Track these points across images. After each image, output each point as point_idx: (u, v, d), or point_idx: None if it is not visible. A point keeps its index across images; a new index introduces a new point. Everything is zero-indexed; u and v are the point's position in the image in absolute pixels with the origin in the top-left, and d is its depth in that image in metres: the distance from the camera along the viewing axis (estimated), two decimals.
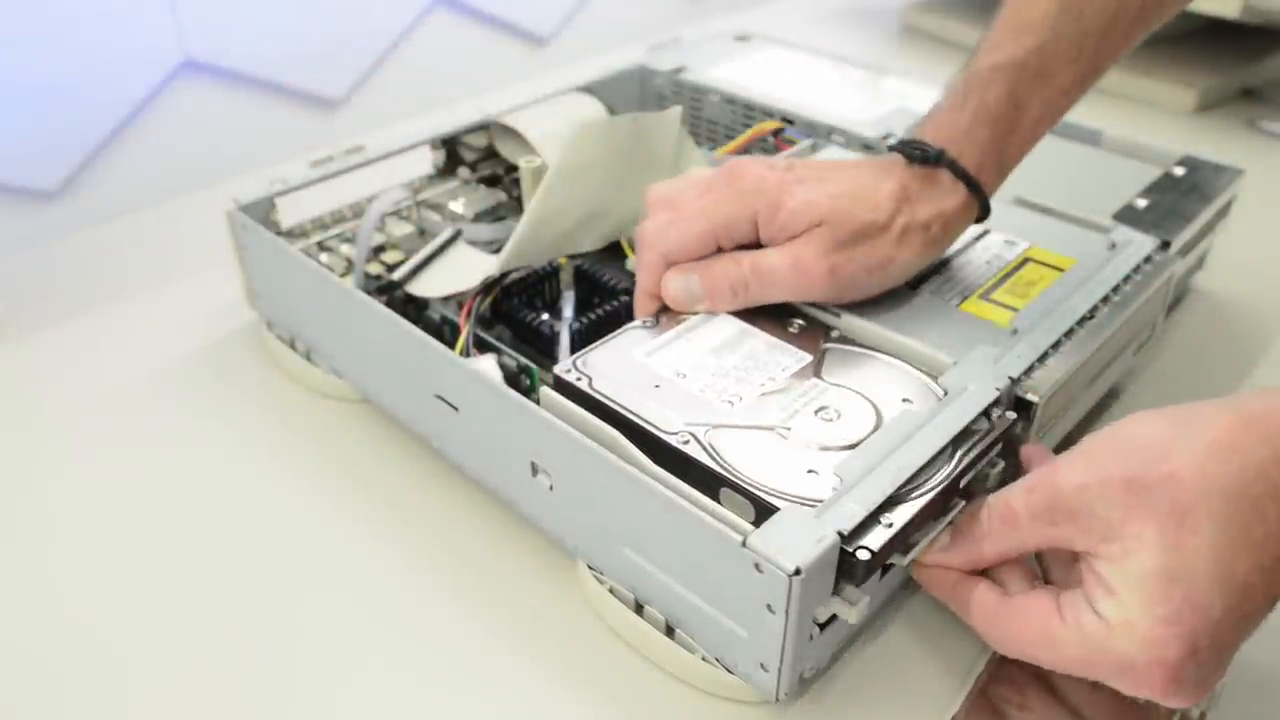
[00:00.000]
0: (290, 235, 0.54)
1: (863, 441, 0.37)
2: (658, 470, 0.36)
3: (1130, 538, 0.31)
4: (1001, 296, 0.45)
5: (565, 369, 0.40)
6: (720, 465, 0.36)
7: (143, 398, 0.53)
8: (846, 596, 0.34)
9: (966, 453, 0.37)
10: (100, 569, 0.43)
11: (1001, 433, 0.38)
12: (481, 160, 0.62)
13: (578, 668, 0.39)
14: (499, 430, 0.41)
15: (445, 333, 0.49)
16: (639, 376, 0.40)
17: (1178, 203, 0.54)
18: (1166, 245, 0.50)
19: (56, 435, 0.51)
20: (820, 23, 1.06)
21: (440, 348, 0.42)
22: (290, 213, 0.54)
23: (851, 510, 0.34)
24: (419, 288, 0.50)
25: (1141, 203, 0.54)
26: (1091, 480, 0.32)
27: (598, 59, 0.74)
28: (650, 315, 0.44)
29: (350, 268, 0.52)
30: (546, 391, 0.40)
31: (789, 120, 0.63)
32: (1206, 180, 0.57)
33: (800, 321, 0.44)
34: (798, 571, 0.31)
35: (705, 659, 0.37)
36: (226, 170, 0.70)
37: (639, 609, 0.39)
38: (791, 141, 0.61)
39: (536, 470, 0.40)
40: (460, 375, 0.42)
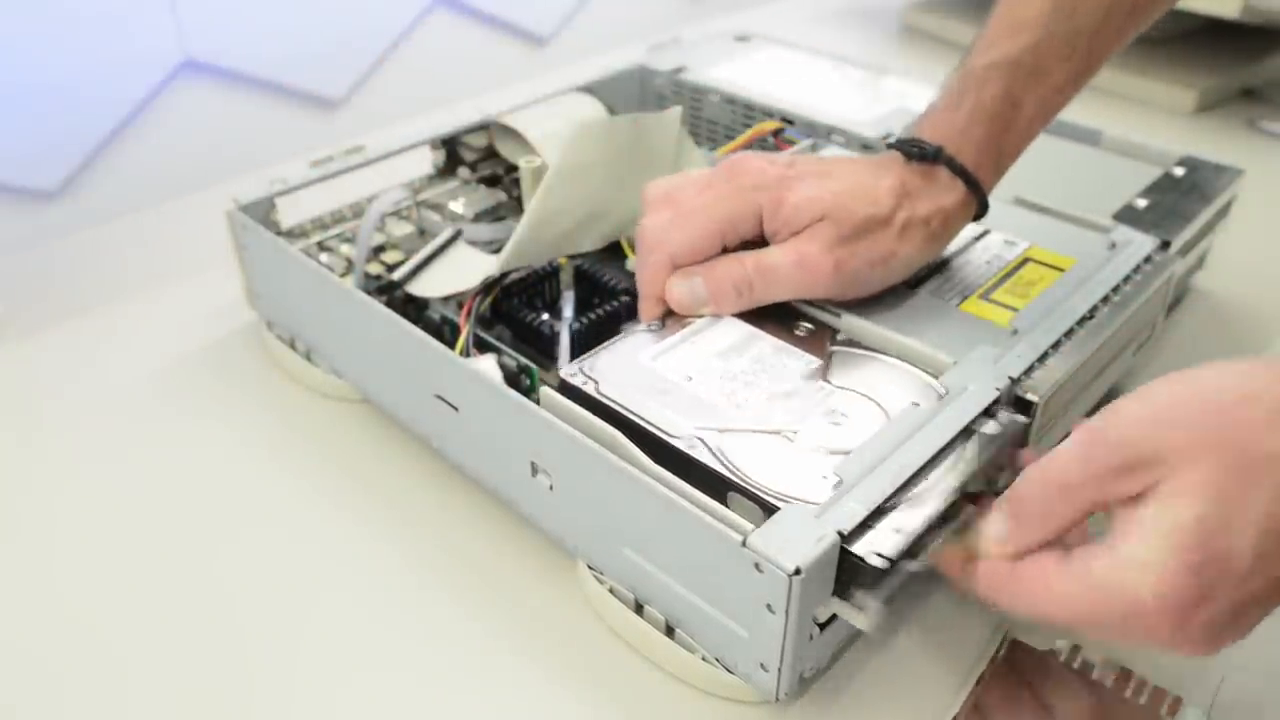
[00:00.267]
0: (290, 235, 0.54)
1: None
2: (658, 470, 0.36)
3: (1185, 483, 0.30)
4: (1001, 296, 0.45)
5: (572, 373, 0.40)
6: (729, 469, 0.36)
7: (143, 398, 0.53)
8: (857, 603, 0.33)
9: (978, 457, 0.37)
10: (100, 569, 0.43)
11: (1011, 437, 0.38)
12: (481, 160, 0.62)
13: (578, 668, 0.39)
14: (499, 430, 0.41)
15: (445, 333, 0.49)
16: (646, 380, 0.40)
17: (1178, 203, 0.54)
18: (1166, 245, 0.50)
19: (56, 435, 0.51)
20: (820, 23, 1.06)
21: (440, 348, 0.42)
22: (290, 213, 0.54)
23: (852, 510, 0.33)
24: (419, 288, 0.50)
25: (1141, 203, 0.54)
26: (1163, 428, 0.30)
27: (598, 59, 0.74)
28: (656, 319, 0.44)
29: (350, 268, 0.52)
30: (546, 391, 0.40)
31: (789, 120, 0.63)
32: (1206, 180, 0.57)
33: (807, 325, 0.43)
34: (798, 571, 0.31)
35: (705, 659, 0.37)
36: (226, 170, 0.70)
37: (639, 609, 0.39)
38: (791, 141, 0.61)
39: (536, 470, 0.40)
40: (460, 375, 0.42)
